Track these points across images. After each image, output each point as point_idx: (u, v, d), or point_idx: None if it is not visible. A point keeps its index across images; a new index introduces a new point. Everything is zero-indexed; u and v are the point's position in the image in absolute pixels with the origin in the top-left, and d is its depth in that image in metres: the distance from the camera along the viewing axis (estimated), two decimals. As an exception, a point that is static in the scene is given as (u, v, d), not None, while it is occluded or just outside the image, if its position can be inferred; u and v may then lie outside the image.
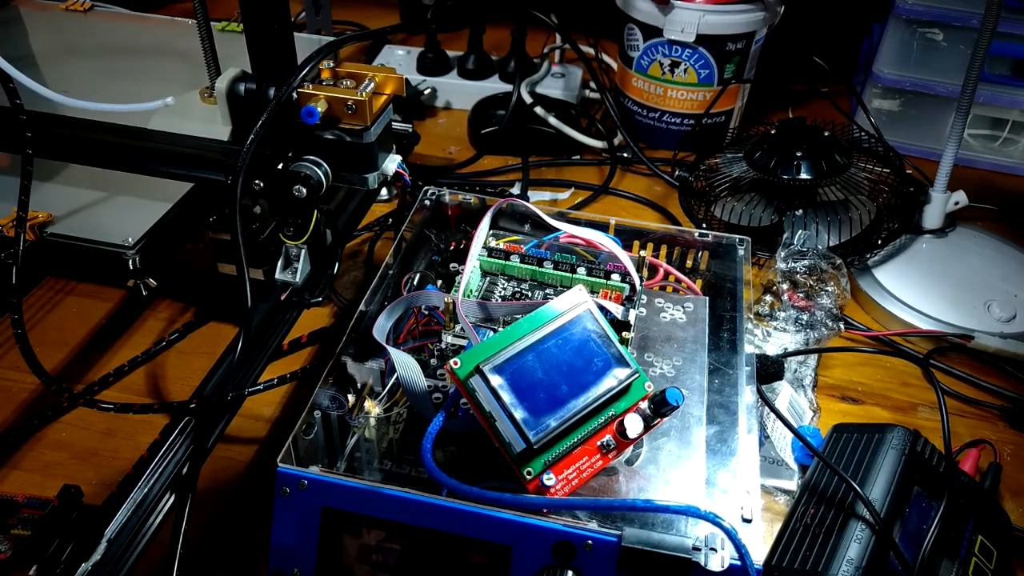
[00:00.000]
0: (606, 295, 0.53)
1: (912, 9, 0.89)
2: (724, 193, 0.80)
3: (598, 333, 0.44)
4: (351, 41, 0.75)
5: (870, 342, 0.72)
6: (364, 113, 0.59)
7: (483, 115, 0.97)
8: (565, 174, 0.94)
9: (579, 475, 0.42)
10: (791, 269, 0.70)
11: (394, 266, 0.59)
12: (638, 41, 0.93)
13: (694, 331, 0.55)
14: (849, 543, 0.47)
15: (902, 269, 0.77)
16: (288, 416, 0.64)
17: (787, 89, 1.10)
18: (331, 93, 0.59)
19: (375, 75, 0.61)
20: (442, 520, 0.41)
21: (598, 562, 0.40)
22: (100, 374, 0.66)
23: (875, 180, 0.78)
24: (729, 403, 0.50)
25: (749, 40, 0.91)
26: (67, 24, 0.92)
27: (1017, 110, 0.94)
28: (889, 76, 0.95)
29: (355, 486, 0.42)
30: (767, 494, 0.57)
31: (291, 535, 0.43)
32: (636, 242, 0.62)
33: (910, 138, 0.98)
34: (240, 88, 0.61)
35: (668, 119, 0.97)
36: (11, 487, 0.57)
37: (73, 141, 0.63)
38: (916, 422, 0.65)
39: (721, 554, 0.39)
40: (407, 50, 1.10)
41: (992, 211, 0.88)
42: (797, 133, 0.78)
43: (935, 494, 0.51)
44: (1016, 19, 0.86)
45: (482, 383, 0.41)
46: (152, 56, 0.86)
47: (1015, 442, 0.63)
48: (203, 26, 0.64)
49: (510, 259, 0.55)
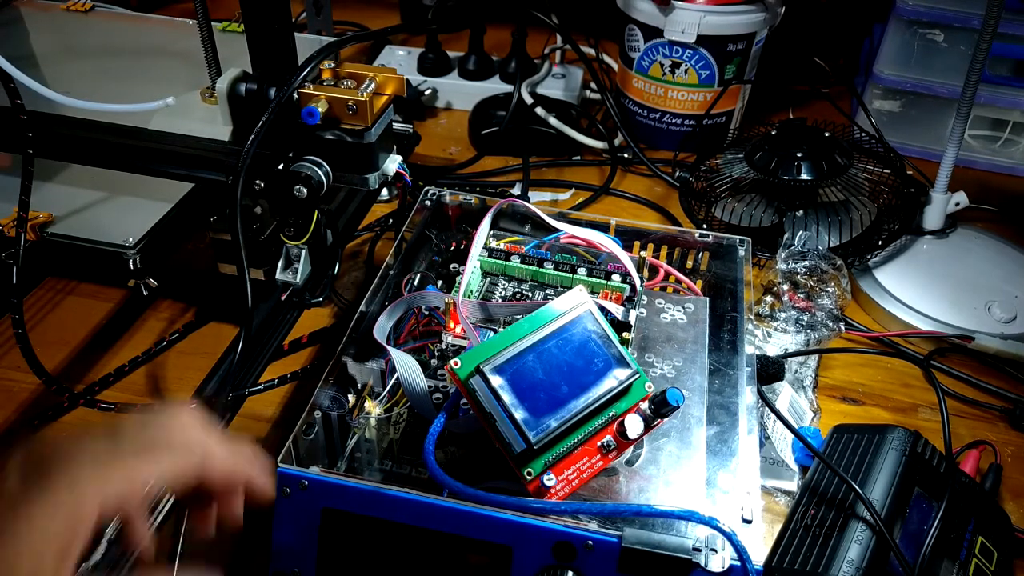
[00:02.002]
0: (606, 296, 0.53)
1: (913, 10, 0.89)
2: (725, 194, 0.80)
3: (598, 334, 0.44)
4: (352, 42, 0.75)
5: (871, 343, 0.72)
6: (365, 113, 0.59)
7: (484, 116, 0.97)
8: (566, 175, 0.94)
9: (579, 476, 0.42)
10: (792, 270, 0.70)
11: (395, 266, 0.59)
12: (639, 42, 0.93)
13: (694, 332, 0.55)
14: (849, 544, 0.47)
15: (903, 270, 0.77)
16: (288, 416, 0.64)
17: (788, 90, 1.10)
18: (332, 93, 0.59)
19: (376, 76, 0.61)
20: (442, 520, 0.41)
21: (598, 562, 0.40)
22: (101, 374, 0.66)
23: (876, 181, 0.78)
24: (729, 404, 0.50)
25: (750, 41, 0.91)
26: (68, 24, 0.92)
27: (1017, 111, 0.94)
28: (890, 77, 0.95)
29: (355, 486, 0.42)
30: (767, 495, 0.57)
31: (291, 535, 0.43)
32: (636, 243, 0.62)
33: (911, 139, 0.98)
34: (241, 88, 0.61)
35: (669, 120, 0.97)
36: (11, 487, 0.57)
37: (74, 141, 0.63)
38: (916, 423, 0.64)
39: (721, 555, 0.39)
40: (408, 51, 1.10)
41: (993, 212, 0.88)
42: (798, 134, 0.78)
43: (936, 495, 0.51)
44: (1016, 20, 0.86)
45: (482, 383, 0.41)
46: (153, 56, 0.86)
47: (1016, 443, 0.63)
48: (204, 26, 0.64)
49: (511, 259, 0.55)
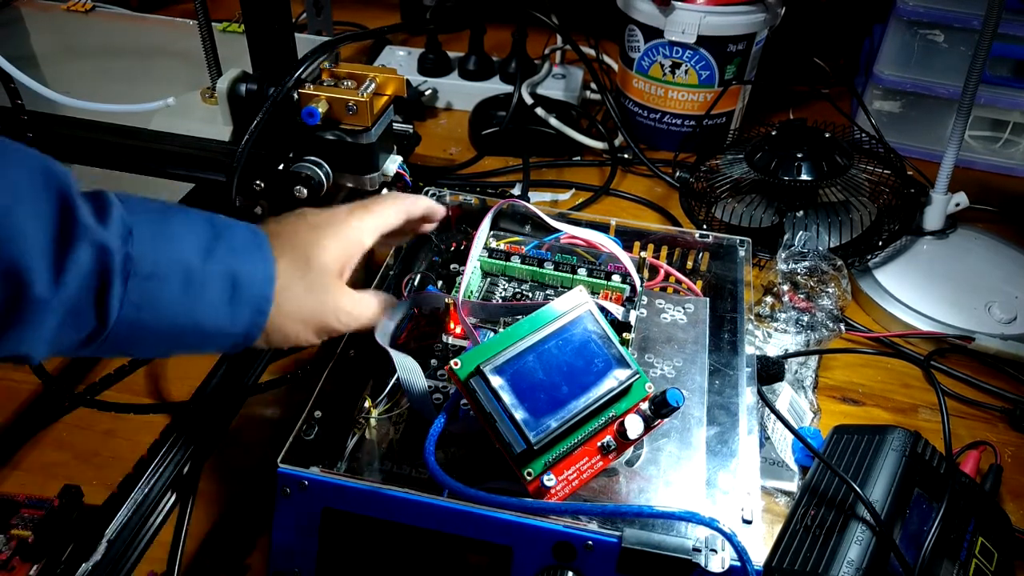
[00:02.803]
0: (607, 296, 0.53)
1: (913, 10, 0.89)
2: (725, 194, 0.80)
3: (599, 334, 0.44)
4: (349, 40, 0.75)
5: (871, 343, 0.72)
6: (365, 114, 0.59)
7: (484, 116, 0.97)
8: (566, 175, 0.94)
9: (579, 476, 0.42)
10: (792, 270, 0.70)
11: (395, 267, 0.59)
12: (639, 42, 0.93)
13: (695, 332, 0.55)
14: (850, 544, 0.47)
15: (903, 270, 0.77)
16: (289, 416, 0.63)
17: (788, 90, 1.11)
18: (332, 94, 0.59)
19: (376, 76, 0.61)
20: (443, 521, 0.41)
21: (598, 563, 0.40)
22: (101, 374, 0.66)
23: (876, 181, 0.78)
24: (730, 404, 0.50)
25: (750, 41, 0.91)
26: (68, 25, 0.92)
27: (1018, 111, 0.94)
28: (890, 77, 0.95)
29: (356, 487, 0.42)
30: (767, 495, 0.57)
31: (292, 535, 0.43)
32: (637, 243, 0.62)
33: (911, 139, 0.98)
34: (241, 88, 0.61)
35: (669, 120, 0.97)
36: (12, 487, 0.57)
37: (74, 141, 0.63)
38: (917, 423, 0.64)
39: (721, 555, 0.39)
40: (408, 51, 1.10)
41: (993, 212, 0.88)
42: (798, 134, 0.78)
43: (936, 496, 0.51)
44: (1017, 21, 0.86)
45: (482, 384, 0.41)
46: (153, 57, 0.87)
47: (1016, 444, 0.63)
48: (204, 27, 0.65)
49: (511, 260, 0.55)
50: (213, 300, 0.38)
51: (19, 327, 0.33)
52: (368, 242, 0.46)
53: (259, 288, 0.40)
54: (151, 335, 0.37)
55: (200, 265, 0.38)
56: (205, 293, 0.38)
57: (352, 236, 0.45)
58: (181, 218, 0.39)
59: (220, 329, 0.39)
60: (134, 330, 0.36)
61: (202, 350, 0.40)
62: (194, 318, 0.38)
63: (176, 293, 0.37)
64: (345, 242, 0.45)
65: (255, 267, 0.40)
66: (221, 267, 0.38)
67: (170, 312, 0.37)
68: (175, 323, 0.37)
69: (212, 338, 0.39)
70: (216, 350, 0.41)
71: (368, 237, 0.46)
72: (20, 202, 0.32)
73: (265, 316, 0.40)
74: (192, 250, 0.38)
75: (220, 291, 0.38)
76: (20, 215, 0.32)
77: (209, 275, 0.38)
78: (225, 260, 0.39)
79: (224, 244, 0.39)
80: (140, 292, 0.36)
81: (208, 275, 0.38)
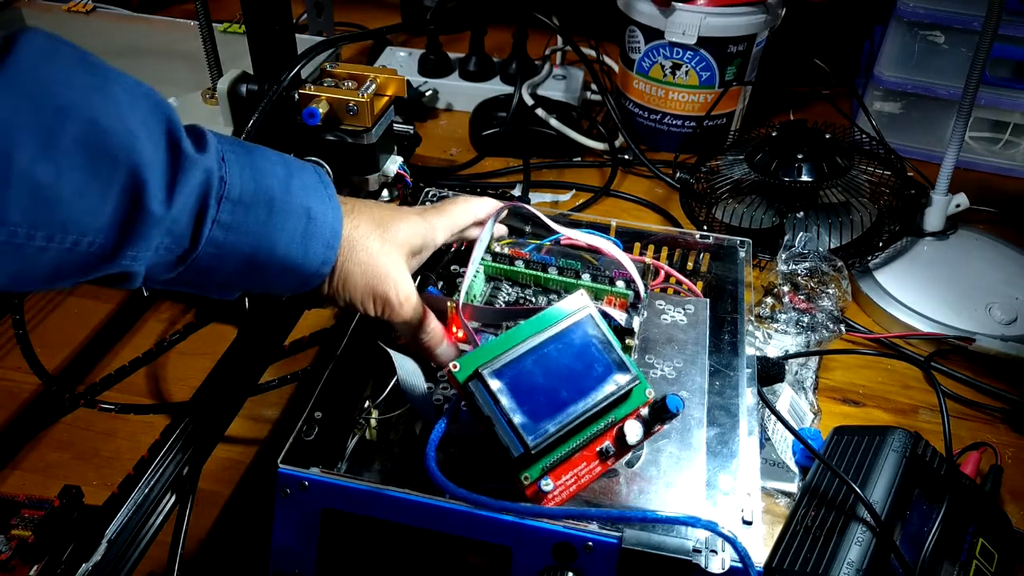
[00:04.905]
0: (610, 301, 0.53)
1: (913, 12, 0.89)
2: (725, 195, 0.80)
3: (599, 338, 0.44)
4: (349, 40, 0.75)
5: (871, 344, 0.72)
6: (365, 114, 0.59)
7: (484, 117, 0.97)
8: (566, 176, 0.94)
9: (577, 481, 0.42)
10: (792, 271, 0.70)
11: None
12: (639, 43, 0.93)
13: (695, 333, 0.55)
14: (850, 545, 0.47)
15: (903, 271, 0.77)
16: (289, 417, 0.64)
17: (788, 91, 1.11)
18: (333, 94, 0.59)
19: (376, 76, 0.61)
20: (443, 521, 0.41)
21: (598, 564, 0.40)
22: (101, 375, 0.66)
23: (876, 182, 0.78)
24: (730, 405, 0.50)
25: (750, 42, 0.91)
26: (69, 25, 0.92)
27: (1018, 113, 0.94)
28: (890, 78, 0.95)
29: (356, 487, 0.42)
30: (768, 496, 0.57)
31: (292, 536, 0.43)
32: (637, 244, 0.62)
33: (911, 140, 0.98)
34: (242, 89, 0.61)
35: (669, 121, 0.97)
36: (12, 487, 0.58)
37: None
38: (917, 424, 0.64)
39: (721, 556, 0.39)
40: (408, 52, 1.10)
41: (993, 214, 0.88)
42: (798, 135, 0.78)
43: (936, 497, 0.51)
44: (1017, 22, 0.86)
45: (481, 387, 0.41)
46: (154, 57, 0.87)
47: (1016, 445, 0.63)
48: (205, 27, 0.65)
49: (514, 264, 0.55)
50: (291, 231, 0.40)
51: (134, 242, 0.34)
52: (440, 239, 0.49)
53: (330, 225, 0.42)
54: (231, 262, 0.39)
55: (282, 196, 0.40)
56: (287, 222, 0.40)
57: (427, 228, 0.47)
58: (261, 152, 0.41)
59: (294, 261, 0.41)
60: (218, 254, 0.38)
61: (272, 286, 0.42)
62: (272, 247, 0.40)
63: (261, 219, 0.39)
64: (422, 228, 0.47)
65: (324, 207, 0.42)
66: (298, 200, 0.41)
67: (252, 239, 0.39)
68: (256, 250, 0.39)
69: (286, 272, 0.41)
70: (285, 288, 0.43)
71: (441, 235, 0.49)
72: (136, 122, 0.33)
73: (334, 252, 0.42)
74: (275, 181, 0.40)
75: (297, 222, 0.40)
76: (140, 136, 0.33)
77: (290, 206, 0.40)
78: (300, 195, 0.41)
79: (298, 181, 0.41)
80: (231, 215, 0.38)
81: (289, 206, 0.40)
